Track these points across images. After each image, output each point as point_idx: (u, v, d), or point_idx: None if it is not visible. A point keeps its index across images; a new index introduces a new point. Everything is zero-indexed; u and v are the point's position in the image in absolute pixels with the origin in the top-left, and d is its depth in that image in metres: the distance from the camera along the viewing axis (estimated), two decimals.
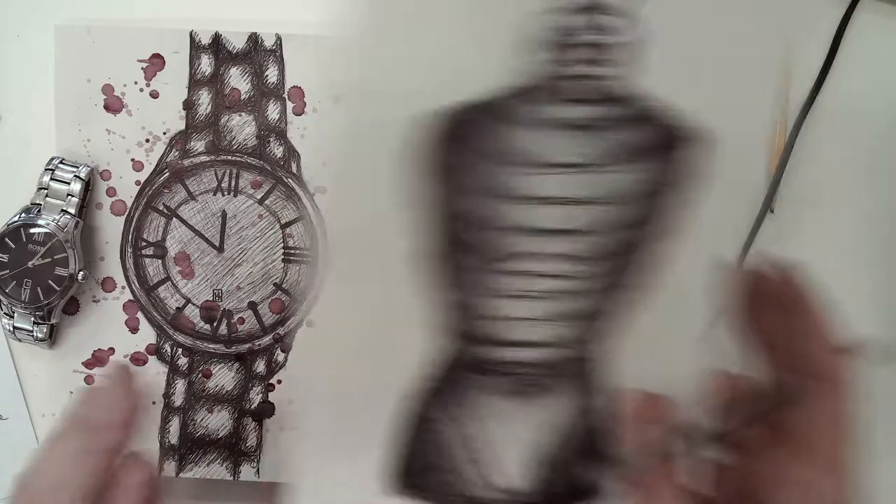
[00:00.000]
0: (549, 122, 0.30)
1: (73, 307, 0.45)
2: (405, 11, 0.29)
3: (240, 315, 0.45)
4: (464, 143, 0.30)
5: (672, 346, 0.31)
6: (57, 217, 0.43)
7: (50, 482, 0.30)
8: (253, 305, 0.46)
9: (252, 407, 0.46)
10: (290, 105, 0.46)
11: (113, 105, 0.45)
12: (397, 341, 0.33)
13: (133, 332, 0.46)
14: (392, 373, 0.33)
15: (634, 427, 0.29)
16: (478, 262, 0.32)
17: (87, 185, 0.44)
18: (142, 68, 0.45)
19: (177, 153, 0.45)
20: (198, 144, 0.45)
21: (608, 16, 0.28)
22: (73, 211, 0.43)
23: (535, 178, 0.30)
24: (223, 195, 0.45)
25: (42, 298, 0.43)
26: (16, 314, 0.44)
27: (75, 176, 0.43)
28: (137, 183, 0.45)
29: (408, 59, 0.29)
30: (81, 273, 0.43)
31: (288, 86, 0.45)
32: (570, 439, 0.33)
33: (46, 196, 0.43)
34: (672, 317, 0.31)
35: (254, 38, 0.45)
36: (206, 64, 0.45)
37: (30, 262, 0.43)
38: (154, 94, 0.45)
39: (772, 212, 0.44)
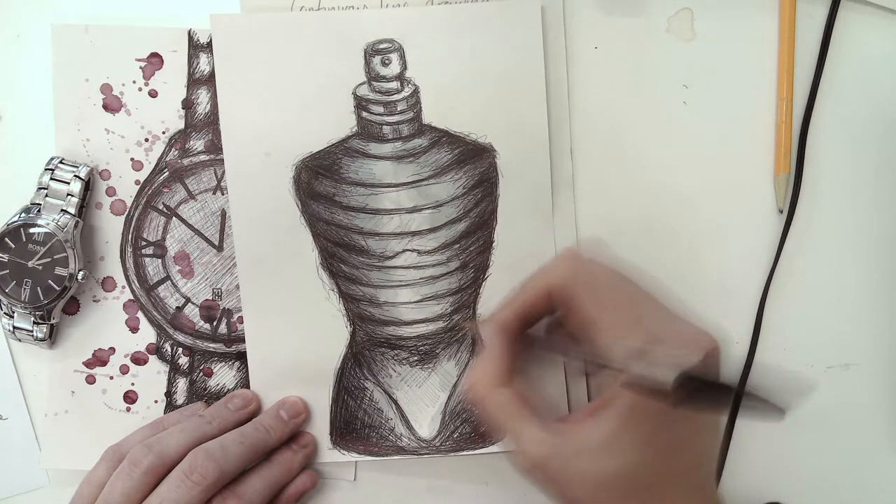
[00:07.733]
0: (382, 155, 0.44)
1: (73, 307, 0.45)
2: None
3: (239, 314, 0.45)
4: (332, 175, 0.44)
5: None
6: (57, 217, 0.43)
7: None
8: None
9: None
10: None
11: (112, 104, 0.45)
12: (322, 331, 0.44)
13: (133, 332, 0.46)
14: (324, 356, 0.45)
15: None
16: (368, 262, 0.44)
17: (87, 185, 0.44)
18: (140, 67, 0.45)
19: (176, 152, 0.45)
20: (197, 143, 0.45)
21: (388, 83, 0.43)
22: (72, 211, 0.43)
23: (384, 195, 0.44)
24: (223, 194, 0.45)
25: (42, 298, 0.43)
26: (16, 314, 0.44)
27: (75, 176, 0.43)
28: (137, 182, 0.45)
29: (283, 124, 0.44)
30: (81, 273, 0.43)
31: None
32: (461, 393, 0.44)
33: (46, 196, 0.43)
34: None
35: None
36: (204, 63, 0.45)
37: (30, 262, 0.43)
38: (153, 94, 0.45)
39: (780, 212, 0.45)
